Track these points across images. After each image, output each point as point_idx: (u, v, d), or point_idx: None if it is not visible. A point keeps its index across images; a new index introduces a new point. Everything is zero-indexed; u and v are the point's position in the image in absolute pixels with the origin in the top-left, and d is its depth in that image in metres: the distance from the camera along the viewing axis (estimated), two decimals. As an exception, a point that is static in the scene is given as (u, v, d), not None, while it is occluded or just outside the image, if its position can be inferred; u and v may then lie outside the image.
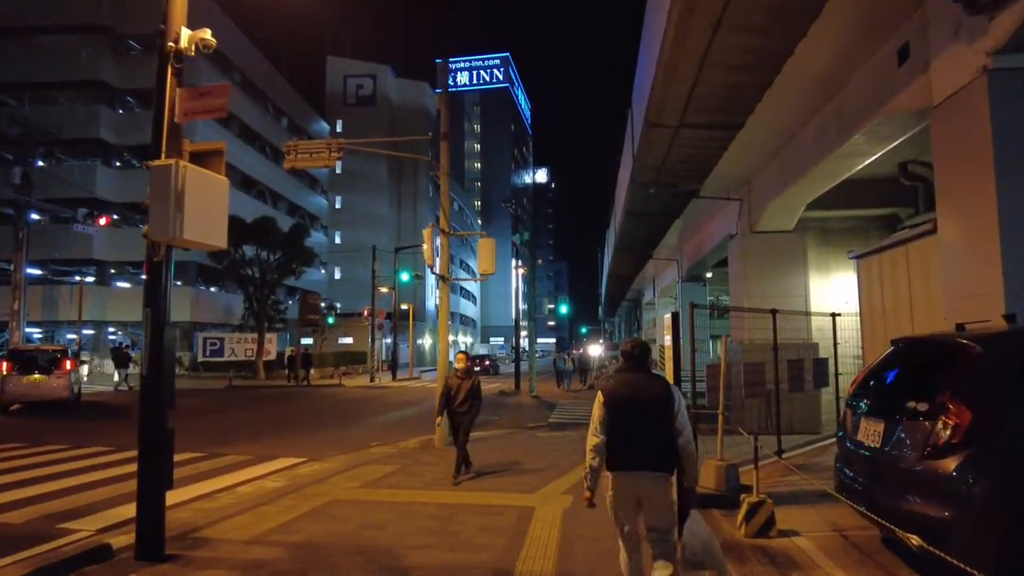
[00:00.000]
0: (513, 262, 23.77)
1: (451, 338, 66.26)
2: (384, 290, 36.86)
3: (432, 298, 59.91)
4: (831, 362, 10.49)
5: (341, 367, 38.28)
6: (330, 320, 38.18)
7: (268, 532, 6.15)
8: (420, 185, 59.46)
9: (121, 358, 25.56)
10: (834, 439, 11.23)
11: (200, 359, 33.54)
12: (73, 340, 34.00)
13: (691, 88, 8.96)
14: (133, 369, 33.18)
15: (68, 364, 18.34)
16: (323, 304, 45.10)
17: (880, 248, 8.52)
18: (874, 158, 10.22)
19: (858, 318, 11.75)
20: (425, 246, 11.90)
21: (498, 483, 8.41)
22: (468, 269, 76.03)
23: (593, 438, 3.67)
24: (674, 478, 3.62)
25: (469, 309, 76.91)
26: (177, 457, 11.18)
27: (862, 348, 9.79)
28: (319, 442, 12.32)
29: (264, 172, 44.96)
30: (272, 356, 34.41)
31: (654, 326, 41.30)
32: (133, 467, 5.73)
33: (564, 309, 30.75)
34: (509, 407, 20.25)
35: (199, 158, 5.92)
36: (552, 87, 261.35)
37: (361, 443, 12.04)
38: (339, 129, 58.70)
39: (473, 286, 78.18)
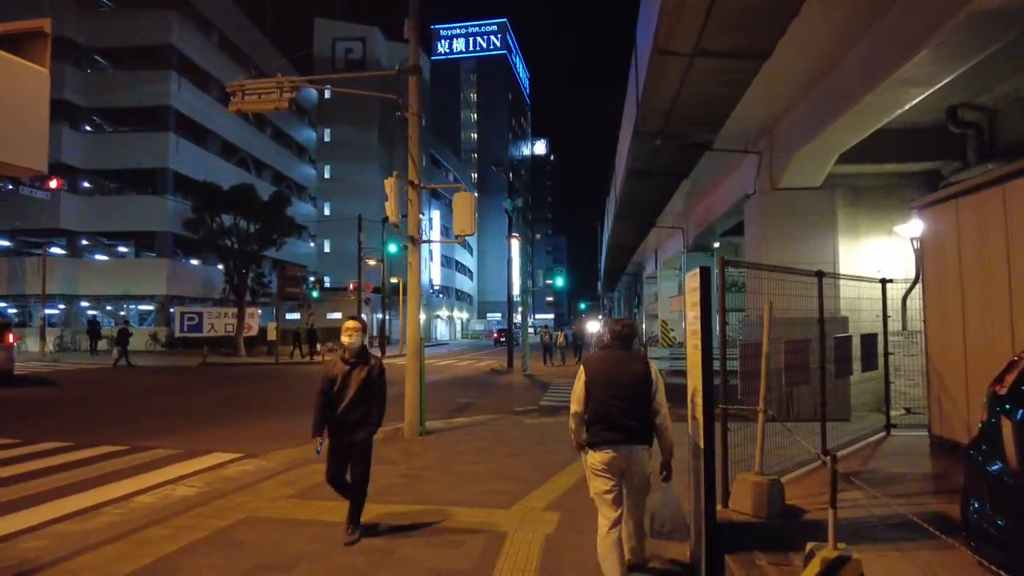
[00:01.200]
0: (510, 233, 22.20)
1: (446, 314, 64.69)
2: (372, 263, 35.03)
3: (427, 271, 58.10)
4: (879, 340, 8.75)
5: (328, 343, 36.57)
6: (314, 294, 36.39)
7: (131, 575, 4.42)
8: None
9: (121, 336, 24.84)
10: (878, 433, 9.72)
11: (178, 335, 31.78)
12: (51, 314, 32.32)
13: (712, -4, 7.04)
14: (105, 345, 31.72)
15: (10, 337, 16.78)
16: (309, 278, 43.35)
17: (961, 192, 6.67)
18: (932, 91, 8.34)
19: (907, 286, 9.98)
20: (389, 201, 10.02)
21: (466, 490, 6.66)
22: (464, 243, 74.09)
23: (576, 406, 3.96)
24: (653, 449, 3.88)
25: (465, 284, 75.10)
26: (90, 452, 9.43)
27: (924, 322, 8.00)
28: (268, 432, 10.59)
29: (247, 139, 42.84)
30: (254, 332, 32.64)
31: (655, 301, 39.54)
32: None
33: (560, 281, 28.82)
34: (498, 387, 18.57)
35: (10, 43, 4.06)
36: (552, 59, 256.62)
37: (317, 433, 10.31)
38: (327, 95, 56.28)
39: (470, 260, 76.32)
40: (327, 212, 54.48)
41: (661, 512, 3.97)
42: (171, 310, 32.18)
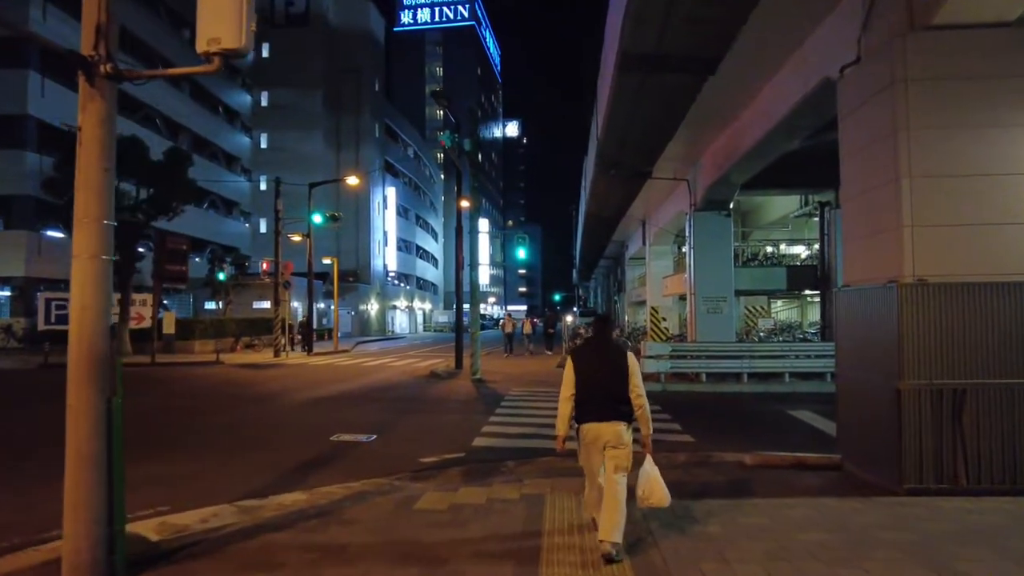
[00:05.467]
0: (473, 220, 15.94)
1: (405, 304, 58.14)
2: (297, 238, 28.48)
3: (380, 256, 51.47)
4: None
5: (244, 337, 29.99)
6: (220, 276, 29.72)
7: None
8: (363, 123, 50.40)
9: None
10: None
11: (42, 327, 24.88)
12: None
13: None
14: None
15: None
16: (227, 260, 36.56)
17: None
18: None
19: None
20: None
21: None
22: (427, 227, 67.47)
23: (567, 390, 4.45)
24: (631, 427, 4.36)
25: (429, 272, 68.50)
26: None
27: None
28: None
29: (154, 93, 35.69)
30: (146, 323, 25.88)
31: (640, 285, 33.61)
32: None
33: (523, 253, 22.82)
34: (423, 405, 12.33)
35: None
36: (527, 41, 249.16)
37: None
38: (265, 54, 49.23)
39: (435, 246, 69.70)
40: (263, 187, 47.47)
41: (643, 482, 4.39)
42: (35, 296, 25.24)
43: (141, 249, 27.54)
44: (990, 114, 5.86)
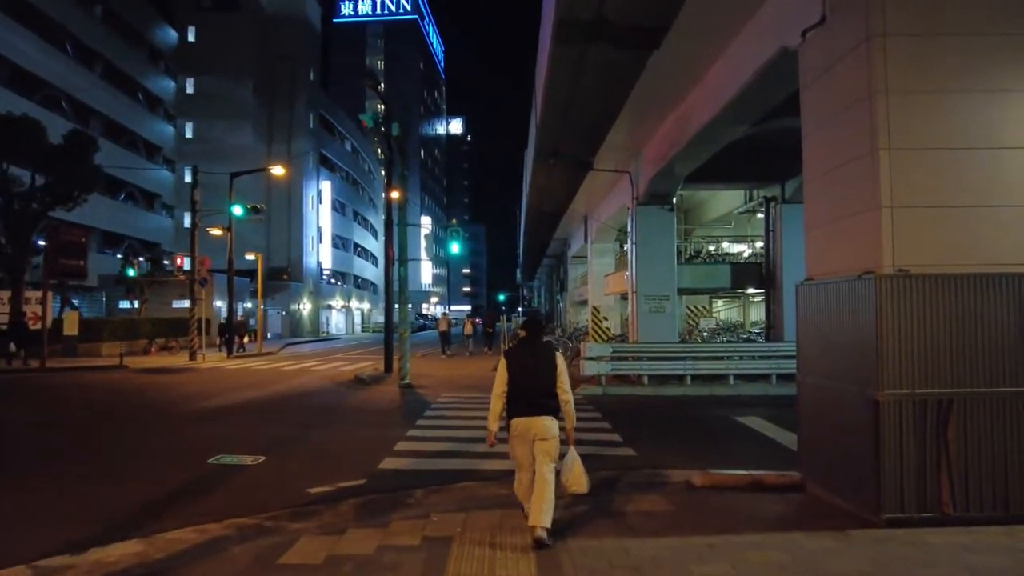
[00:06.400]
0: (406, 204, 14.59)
1: (341, 303, 55.96)
2: (217, 232, 26.41)
3: (314, 253, 49.23)
4: None
5: (159, 339, 27.71)
6: (130, 272, 27.31)
7: None
8: (297, 114, 48.02)
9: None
10: None
11: (-82, 329, 22.13)
12: None
13: None
14: None
15: None
16: (143, 256, 34.01)
17: None
18: None
19: None
20: None
21: None
22: (366, 224, 65.27)
23: (500, 388, 4.70)
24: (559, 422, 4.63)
25: (368, 271, 66.17)
26: None
27: None
28: None
29: (59, 72, 32.81)
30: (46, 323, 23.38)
31: (583, 284, 32.87)
32: None
33: (456, 248, 21.26)
34: (338, 415, 10.97)
35: None
36: (473, 39, 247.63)
37: None
38: (191, 38, 46.34)
39: (374, 244, 67.46)
40: (188, 180, 44.58)
41: (563, 470, 4.68)
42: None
43: (42, 242, 24.99)
44: (979, 77, 5.01)
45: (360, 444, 8.22)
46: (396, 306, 16.04)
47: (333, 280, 55.00)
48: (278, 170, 27.30)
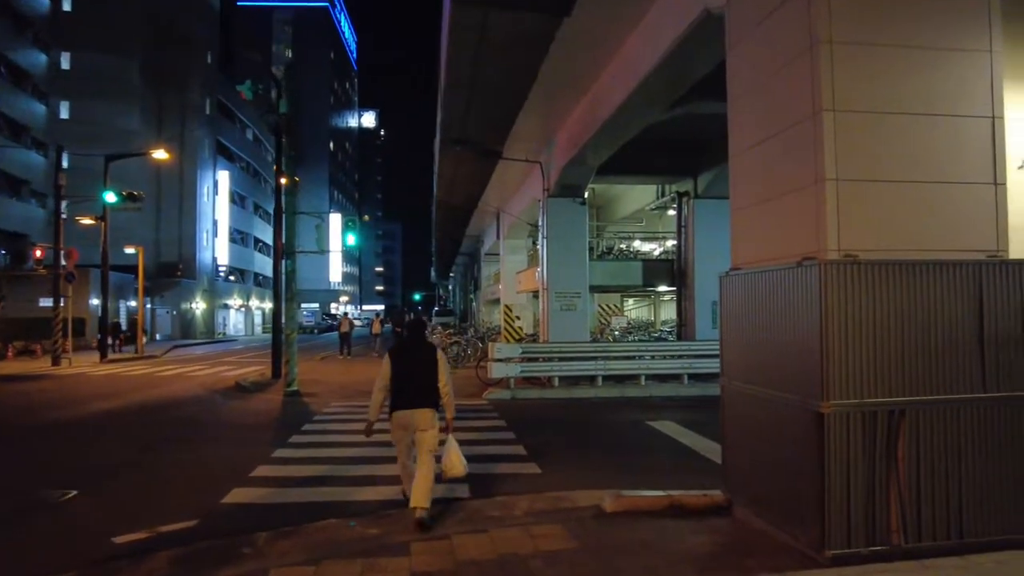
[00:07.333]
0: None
1: (239, 302, 52.58)
2: (88, 221, 23.60)
3: (210, 248, 45.85)
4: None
5: (17, 341, 24.53)
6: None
7: None
8: (192, 98, 44.48)
9: None
10: None
11: None
12: None
13: None
14: None
15: None
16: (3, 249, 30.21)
17: None
18: None
19: None
20: None
21: None
22: (268, 218, 61.67)
23: (382, 382, 5.07)
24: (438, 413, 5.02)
25: (270, 268, 62.51)
26: None
27: None
28: None
29: None
30: None
31: (496, 282, 31.96)
32: None
33: (352, 239, 19.53)
34: (199, 430, 9.41)
35: None
36: (388, 32, 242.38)
37: None
38: (67, 7, 41.94)
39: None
40: (66, 165, 40.25)
41: (443, 457, 5.01)
42: None
43: None
44: (940, 33, 4.28)
45: (209, 470, 6.78)
46: (303, 305, 14.40)
47: (231, 277, 51.52)
48: (161, 154, 24.64)
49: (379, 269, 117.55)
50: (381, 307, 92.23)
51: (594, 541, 4.47)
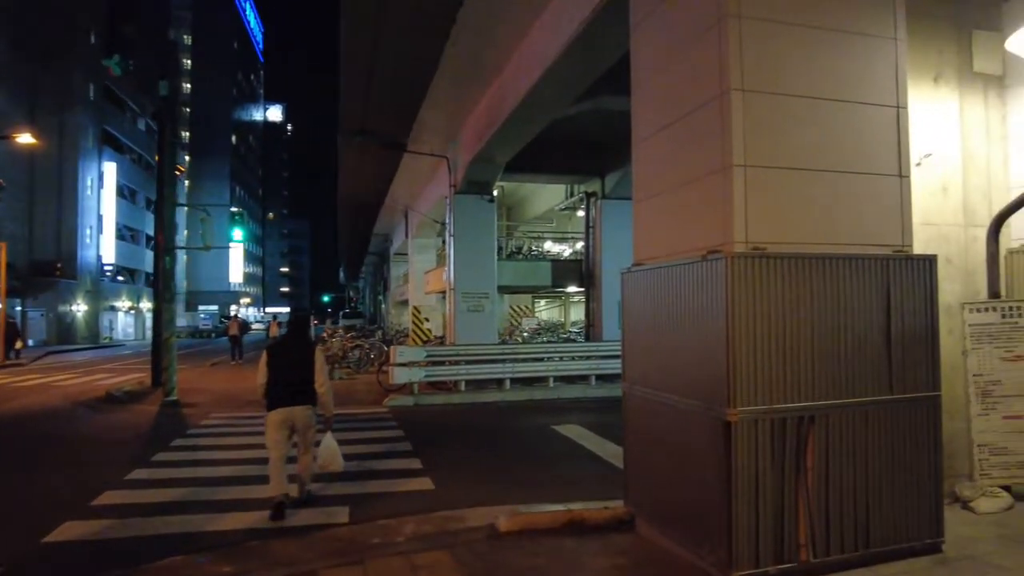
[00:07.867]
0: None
1: (128, 304, 48.80)
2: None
3: (93, 245, 42.19)
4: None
5: None
6: None
7: None
8: (75, 84, 40.76)
9: None
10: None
11: None
12: None
13: None
14: None
15: None
16: None
17: None
18: None
19: None
20: None
21: None
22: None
23: (261, 378, 5.18)
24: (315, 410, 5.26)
25: (166, 267, 58.43)
26: None
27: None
28: None
29: None
30: None
31: (405, 283, 31.04)
32: None
33: (240, 233, 17.82)
34: (47, 449, 8.16)
35: None
36: (302, 28, 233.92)
37: None
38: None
39: (176, 239, 59.86)
40: (-85, 149, 35.71)
41: (323, 452, 5.25)
42: None
43: None
44: (851, 17, 4.05)
45: (43, 499, 5.75)
46: (200, 307, 13.08)
47: (119, 277, 47.64)
48: (27, 138, 22.02)
49: (284, 269, 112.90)
50: (287, 309, 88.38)
51: (482, 569, 3.96)
